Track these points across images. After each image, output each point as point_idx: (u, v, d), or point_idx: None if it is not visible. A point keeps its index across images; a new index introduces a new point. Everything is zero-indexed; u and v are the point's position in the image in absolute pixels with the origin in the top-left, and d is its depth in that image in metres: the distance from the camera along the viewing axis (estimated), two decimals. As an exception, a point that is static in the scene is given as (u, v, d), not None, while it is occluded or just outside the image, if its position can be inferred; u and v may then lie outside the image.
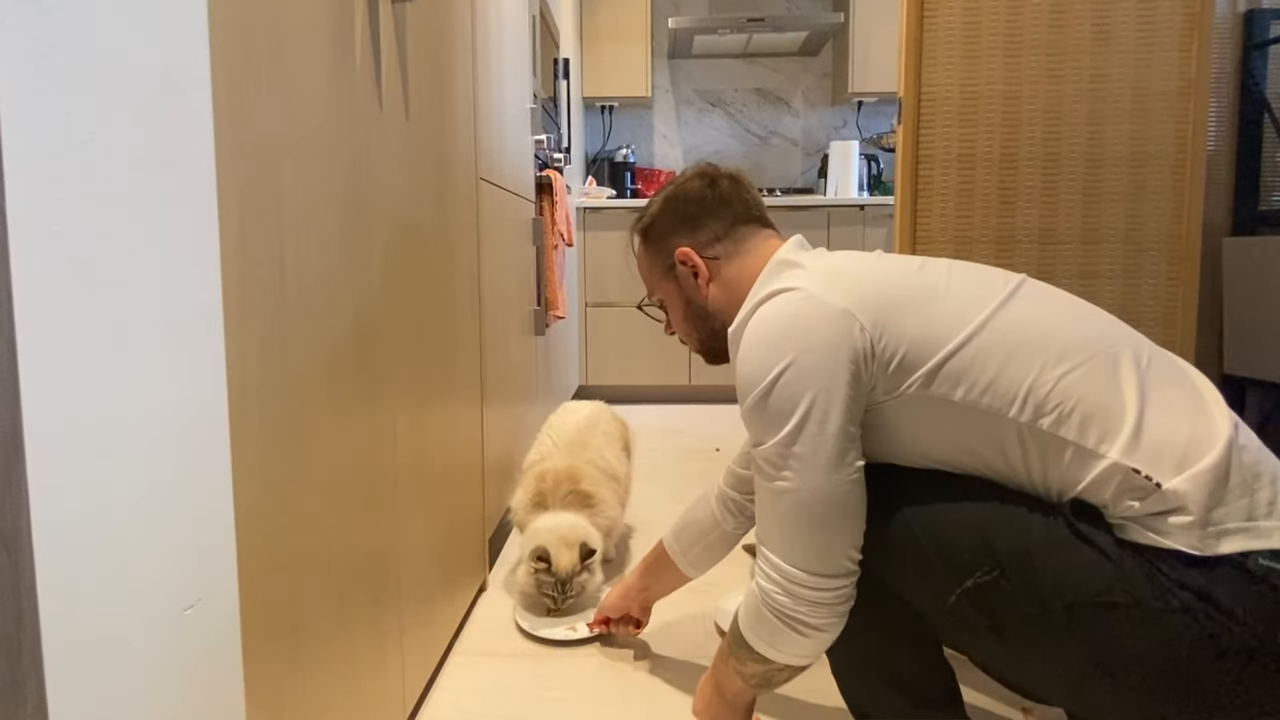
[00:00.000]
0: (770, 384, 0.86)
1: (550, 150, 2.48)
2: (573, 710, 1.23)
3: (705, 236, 1.05)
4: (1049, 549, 0.78)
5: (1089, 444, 0.78)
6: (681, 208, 1.08)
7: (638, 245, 1.14)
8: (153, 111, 0.55)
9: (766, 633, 0.91)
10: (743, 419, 0.91)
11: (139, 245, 0.54)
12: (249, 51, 0.67)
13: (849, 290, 0.87)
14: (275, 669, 0.72)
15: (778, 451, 0.86)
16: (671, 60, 4.02)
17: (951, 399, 0.83)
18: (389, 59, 1.04)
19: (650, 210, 1.11)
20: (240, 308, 0.66)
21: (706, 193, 1.06)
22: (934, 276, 0.90)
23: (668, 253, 1.08)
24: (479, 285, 1.58)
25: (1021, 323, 0.84)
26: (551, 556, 1.46)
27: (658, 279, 1.11)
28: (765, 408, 0.86)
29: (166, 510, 0.58)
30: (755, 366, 0.88)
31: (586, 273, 3.49)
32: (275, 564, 0.72)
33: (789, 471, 0.85)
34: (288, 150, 0.75)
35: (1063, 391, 0.79)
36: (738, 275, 1.04)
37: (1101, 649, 0.76)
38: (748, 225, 1.05)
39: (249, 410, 0.67)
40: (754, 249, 1.04)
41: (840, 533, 0.86)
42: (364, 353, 0.95)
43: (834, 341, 0.84)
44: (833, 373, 0.84)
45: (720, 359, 1.09)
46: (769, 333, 0.88)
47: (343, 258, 0.88)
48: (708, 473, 2.49)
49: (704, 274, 1.05)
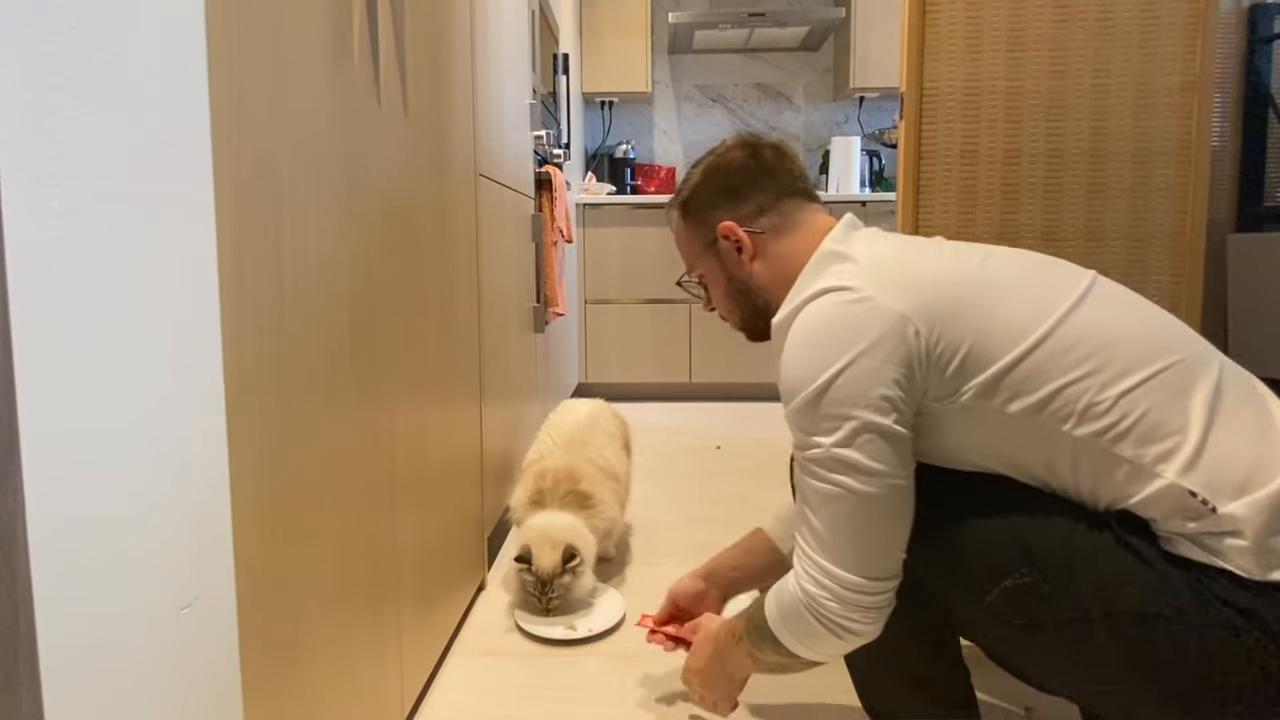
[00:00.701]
0: (822, 388, 0.83)
1: (549, 146, 2.47)
2: (572, 710, 1.22)
3: (749, 209, 1.00)
4: (1092, 556, 0.77)
5: (1146, 462, 0.76)
6: (723, 179, 1.02)
7: (676, 219, 1.09)
8: (149, 110, 0.55)
9: (801, 633, 0.89)
10: (787, 418, 0.88)
11: (135, 245, 0.54)
12: (246, 48, 0.67)
13: (905, 290, 0.84)
14: (273, 668, 0.72)
15: (831, 455, 0.83)
16: (672, 55, 4.01)
17: (1006, 411, 0.81)
18: (387, 55, 1.03)
19: (689, 182, 1.06)
20: (237, 306, 0.65)
21: (749, 163, 1.01)
22: (998, 273, 0.86)
23: (709, 227, 1.03)
24: (478, 282, 1.57)
25: (1088, 333, 0.80)
26: (533, 556, 1.46)
27: (698, 254, 1.06)
28: (816, 411, 0.84)
29: (163, 509, 0.57)
30: (804, 369, 0.85)
31: (586, 269, 3.48)
32: (272, 563, 0.72)
33: (842, 476, 0.83)
34: (285, 147, 0.74)
35: (1125, 407, 0.77)
36: (784, 251, 0.99)
37: (1137, 658, 0.75)
38: (793, 198, 1.01)
39: (246, 408, 0.67)
40: (802, 224, 1.00)
41: (893, 536, 0.85)
42: (362, 350, 0.94)
43: (888, 347, 0.82)
44: (886, 378, 0.82)
45: (762, 337, 1.06)
46: (819, 334, 0.85)
47: (341, 255, 0.88)
48: (708, 471, 2.49)
49: (748, 249, 1.00)
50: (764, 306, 1.02)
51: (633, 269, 3.47)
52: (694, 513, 2.10)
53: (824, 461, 0.84)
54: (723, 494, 2.25)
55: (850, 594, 0.84)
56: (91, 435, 0.50)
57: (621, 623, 1.49)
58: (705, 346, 3.49)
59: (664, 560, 1.79)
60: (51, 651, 0.47)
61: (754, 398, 3.58)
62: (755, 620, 0.95)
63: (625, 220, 3.45)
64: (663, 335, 3.49)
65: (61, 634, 0.48)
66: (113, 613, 0.53)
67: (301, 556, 0.78)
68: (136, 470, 0.55)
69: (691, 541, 1.90)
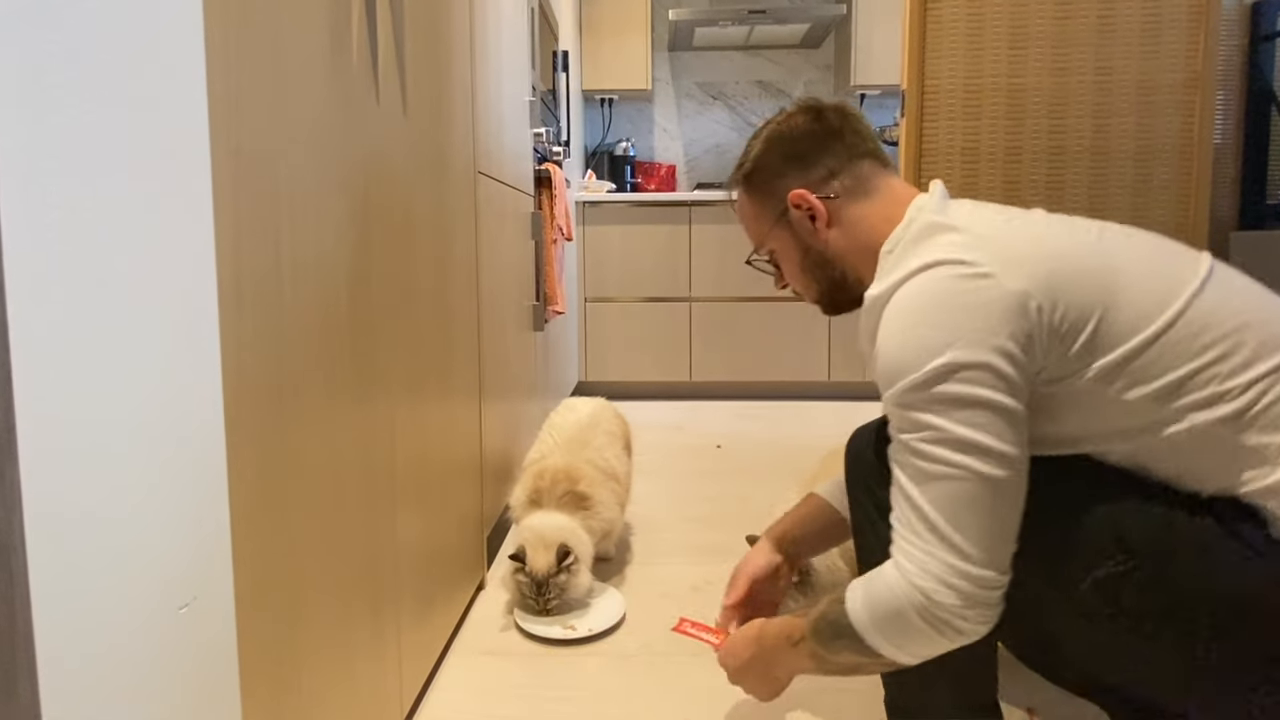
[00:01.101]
0: (940, 368, 0.77)
1: (549, 143, 2.46)
2: (572, 710, 1.22)
3: (819, 175, 0.95)
4: (1193, 543, 0.75)
5: (1271, 450, 0.74)
6: (788, 146, 0.97)
7: (740, 194, 1.03)
8: (147, 106, 0.55)
9: (897, 632, 0.81)
10: (891, 399, 0.82)
11: (133, 243, 0.54)
12: (244, 45, 0.67)
13: (1023, 263, 0.79)
14: (271, 668, 0.72)
15: (952, 437, 0.77)
16: (672, 53, 4.00)
17: (1124, 398, 0.78)
18: (386, 52, 1.03)
19: (751, 154, 1.00)
20: (235, 304, 0.65)
21: (814, 127, 0.96)
22: (1116, 249, 0.82)
23: (778, 197, 0.97)
24: (477, 280, 1.56)
25: (1213, 318, 0.77)
26: (528, 557, 1.45)
27: (767, 228, 1.00)
28: (931, 391, 0.78)
29: (160, 508, 0.57)
30: (915, 347, 0.79)
31: (586, 267, 3.47)
32: (271, 562, 0.72)
33: (965, 457, 0.77)
34: (283, 145, 0.74)
35: (1254, 394, 0.75)
36: (862, 217, 0.93)
37: (1234, 648, 0.73)
38: (865, 160, 0.95)
39: (244, 407, 0.67)
40: (878, 189, 0.94)
41: (1014, 525, 0.79)
42: (361, 349, 0.94)
43: (1009, 323, 0.77)
44: (1007, 355, 0.77)
45: (841, 310, 1.01)
46: (932, 310, 0.79)
47: (339, 253, 0.87)
48: (709, 470, 2.48)
49: (822, 216, 0.94)
50: (842, 278, 0.97)
51: (633, 267, 3.46)
52: (694, 512, 2.10)
53: (943, 443, 0.78)
54: (723, 493, 2.24)
55: (974, 589, 0.78)
56: (89, 434, 0.50)
57: (621, 622, 1.48)
58: (706, 345, 3.48)
59: (664, 560, 1.79)
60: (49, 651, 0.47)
61: (755, 396, 3.58)
62: (829, 619, 0.87)
63: (625, 218, 3.44)
64: (663, 333, 3.48)
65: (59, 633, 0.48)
66: (110, 612, 0.53)
67: (300, 556, 0.78)
68: (134, 469, 0.55)
69: (692, 541, 1.89)
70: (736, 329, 3.46)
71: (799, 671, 0.96)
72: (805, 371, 3.45)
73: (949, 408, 0.78)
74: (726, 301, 3.45)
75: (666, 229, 3.43)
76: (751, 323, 3.45)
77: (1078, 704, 1.21)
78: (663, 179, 3.98)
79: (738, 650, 1.03)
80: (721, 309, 3.46)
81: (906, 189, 0.95)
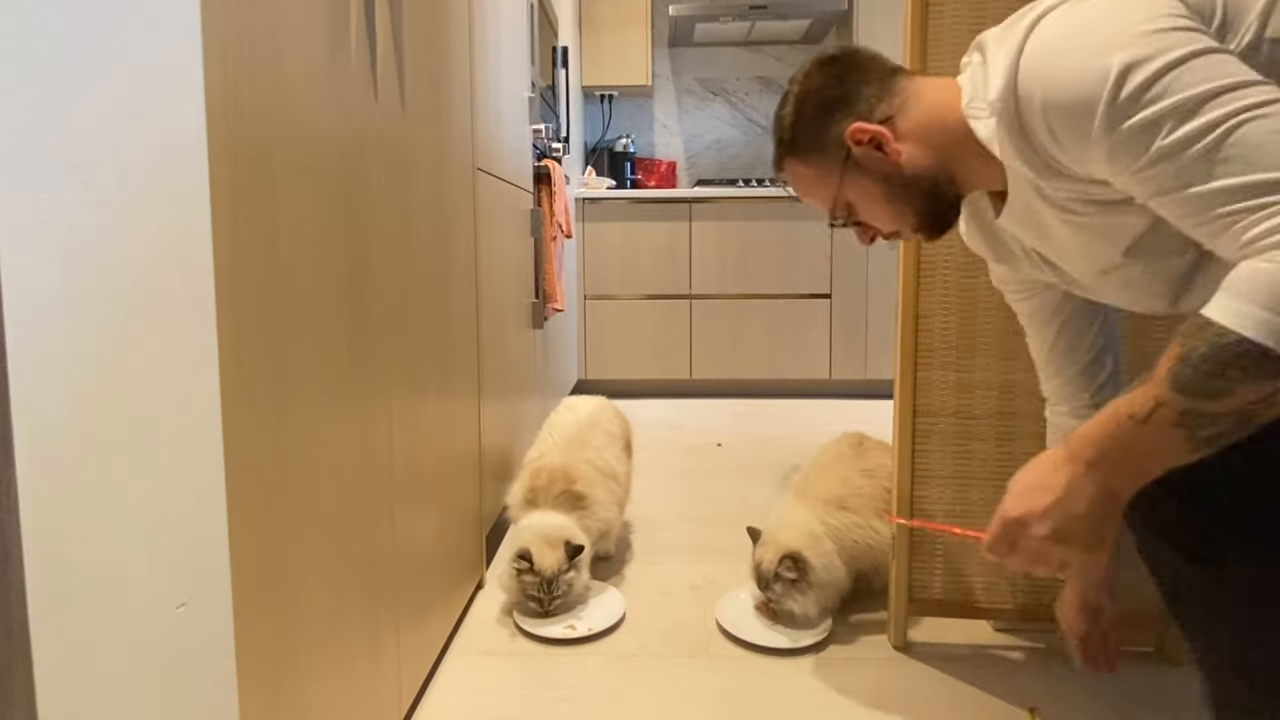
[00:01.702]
0: (1121, 70, 0.67)
1: (548, 140, 2.45)
2: (571, 710, 1.21)
3: (864, 107, 0.90)
4: None
5: None
6: (820, 97, 0.93)
7: (792, 166, 0.97)
8: (144, 102, 0.55)
9: None
10: (1112, 140, 0.69)
11: (130, 239, 0.53)
12: (242, 41, 0.66)
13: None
14: (269, 667, 0.72)
15: (1199, 98, 0.65)
16: (672, 48, 3.99)
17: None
18: (385, 49, 1.02)
19: (785, 124, 0.95)
20: (233, 302, 0.65)
21: (834, 70, 0.93)
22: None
23: (836, 143, 0.91)
24: (476, 277, 1.56)
25: None
26: (534, 557, 1.44)
27: (837, 182, 0.93)
28: (1135, 91, 0.67)
29: (157, 507, 0.58)
30: (1094, 56, 0.68)
31: (585, 265, 3.46)
32: (268, 561, 0.72)
33: (1232, 96, 0.65)
34: (281, 142, 0.74)
35: None
36: (926, 117, 0.88)
37: None
38: (896, 76, 0.91)
39: (241, 405, 0.67)
40: (922, 88, 0.90)
41: None
42: (359, 347, 0.93)
43: (1161, 6, 0.69)
44: (1182, 23, 0.68)
45: (949, 223, 0.93)
46: (1085, 24, 0.71)
47: (337, 250, 0.87)
48: (709, 468, 2.48)
49: (888, 138, 0.88)
50: (934, 184, 0.90)
51: (633, 264, 3.45)
52: (694, 510, 2.09)
53: (1200, 107, 0.65)
54: (724, 491, 2.24)
55: None
56: (85, 433, 0.50)
57: (621, 622, 1.48)
58: (706, 342, 3.47)
59: (664, 558, 1.78)
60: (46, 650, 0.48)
61: (755, 394, 3.57)
62: (1199, 355, 0.65)
63: (625, 215, 3.43)
64: (663, 331, 3.47)
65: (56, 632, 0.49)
66: (107, 611, 0.53)
67: (298, 555, 0.77)
68: (131, 468, 0.55)
69: (692, 539, 1.89)
70: (737, 327, 3.45)
71: (1161, 464, 0.71)
72: (806, 369, 3.45)
73: (1168, 85, 0.66)
74: (727, 299, 3.44)
75: (667, 226, 3.42)
76: (752, 320, 3.44)
77: (1078, 704, 1.21)
78: (663, 176, 3.96)
79: (1041, 484, 0.75)
80: (722, 306, 3.45)
81: (949, 80, 0.90)
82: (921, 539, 1.36)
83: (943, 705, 1.22)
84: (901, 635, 1.38)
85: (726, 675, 1.30)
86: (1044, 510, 0.74)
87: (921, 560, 1.37)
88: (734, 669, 1.32)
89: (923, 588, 1.38)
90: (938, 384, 1.34)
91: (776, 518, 1.48)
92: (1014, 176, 0.84)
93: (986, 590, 1.36)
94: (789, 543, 1.40)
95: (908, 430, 1.34)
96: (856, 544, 1.44)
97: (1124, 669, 1.11)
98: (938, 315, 1.33)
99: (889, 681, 1.28)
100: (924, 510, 1.36)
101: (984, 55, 0.83)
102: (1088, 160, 0.73)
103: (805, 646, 1.37)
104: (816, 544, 1.41)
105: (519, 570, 1.45)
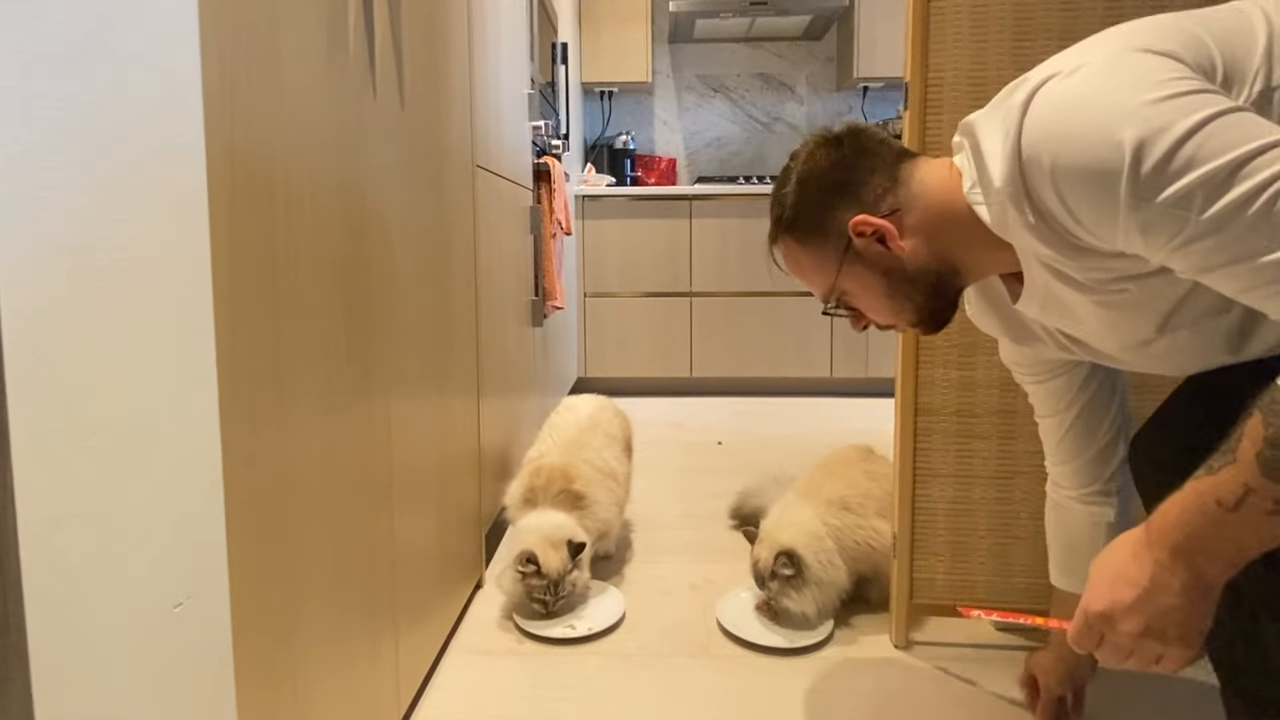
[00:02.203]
0: (1135, 146, 0.63)
1: (548, 137, 2.44)
2: (571, 710, 1.21)
3: (871, 196, 0.86)
4: None
5: None
6: (824, 179, 0.89)
7: (788, 247, 0.93)
8: (142, 100, 0.55)
9: None
10: (1141, 217, 0.65)
11: (128, 237, 0.54)
12: (240, 38, 0.66)
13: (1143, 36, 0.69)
14: (267, 667, 0.72)
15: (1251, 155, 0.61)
16: (672, 45, 3.98)
17: None
18: (383, 45, 1.02)
19: (785, 203, 0.91)
20: (231, 300, 0.65)
21: (840, 154, 0.89)
22: None
23: (836, 234, 0.88)
24: (475, 275, 1.55)
25: None
26: (540, 559, 1.43)
27: (834, 271, 0.90)
28: (1156, 167, 0.63)
29: (155, 505, 0.58)
30: (1101, 147, 0.65)
31: (585, 262, 3.45)
32: (267, 560, 0.71)
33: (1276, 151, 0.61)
34: (279, 140, 0.73)
35: None
36: (932, 209, 0.85)
37: None
38: (902, 163, 0.87)
39: (240, 403, 0.66)
40: (925, 177, 0.86)
41: None
42: (357, 345, 0.93)
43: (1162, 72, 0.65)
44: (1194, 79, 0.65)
45: (947, 316, 0.90)
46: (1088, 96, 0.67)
47: (336, 248, 0.87)
48: (709, 467, 2.47)
49: (892, 234, 0.85)
50: (938, 279, 0.87)
51: (632, 262, 3.44)
52: (695, 509, 2.08)
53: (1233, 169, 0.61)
54: (724, 490, 2.23)
55: None
56: (83, 431, 0.51)
57: (621, 621, 1.47)
58: (706, 341, 3.47)
59: (664, 558, 1.78)
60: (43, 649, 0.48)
61: (756, 393, 3.57)
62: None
63: (625, 212, 3.42)
64: (663, 329, 3.47)
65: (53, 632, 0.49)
66: (104, 611, 0.54)
67: (296, 554, 0.77)
68: (128, 467, 0.55)
69: (692, 538, 1.88)
70: (737, 324, 3.44)
71: (1258, 549, 0.65)
72: (807, 368, 3.44)
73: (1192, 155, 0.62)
74: (727, 296, 3.44)
75: (667, 223, 3.42)
76: (753, 318, 3.43)
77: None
78: (663, 173, 3.96)
79: (1125, 575, 0.69)
80: (722, 304, 3.44)
81: (945, 159, 0.88)
82: (923, 539, 1.36)
83: (944, 705, 1.21)
84: (903, 635, 1.38)
85: (727, 675, 1.30)
86: (1130, 605, 0.69)
87: (923, 560, 1.37)
88: (734, 669, 1.32)
89: (924, 587, 1.37)
90: (939, 382, 1.33)
91: (776, 516, 1.48)
92: (1028, 259, 0.81)
93: (988, 590, 1.36)
94: (786, 540, 1.40)
95: (909, 428, 1.34)
96: (858, 545, 1.44)
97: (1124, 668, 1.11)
98: (939, 313, 1.32)
99: (890, 681, 1.28)
100: (925, 509, 1.35)
101: (976, 139, 0.80)
102: (1116, 237, 0.69)
103: (806, 646, 1.37)
104: (816, 543, 1.40)
105: (524, 574, 1.44)
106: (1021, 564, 1.35)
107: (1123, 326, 0.81)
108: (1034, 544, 1.33)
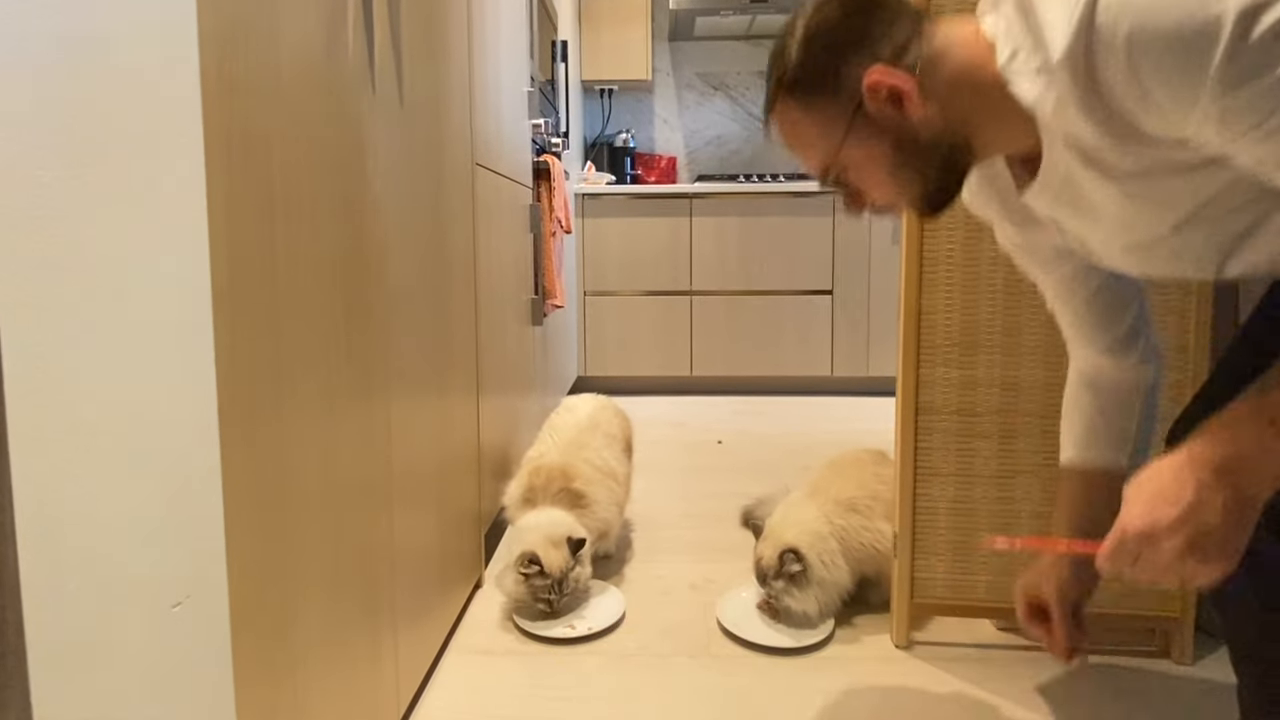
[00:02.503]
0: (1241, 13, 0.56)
1: (548, 135, 2.44)
2: (571, 709, 1.20)
3: (889, 48, 0.75)
4: None
5: None
6: (835, 34, 0.77)
7: (788, 110, 0.82)
8: (140, 98, 0.55)
9: None
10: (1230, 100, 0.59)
11: (126, 236, 0.54)
12: (238, 34, 0.65)
13: None
14: (266, 666, 0.71)
15: None
16: (672, 43, 3.97)
17: None
18: (382, 42, 1.01)
19: (787, 59, 0.79)
20: (230, 299, 0.65)
21: (855, 3, 0.78)
22: None
23: (847, 92, 0.77)
24: (475, 274, 1.55)
25: None
26: (543, 559, 1.42)
27: (840, 137, 0.79)
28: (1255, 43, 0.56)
29: (154, 505, 0.58)
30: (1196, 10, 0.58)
31: (585, 261, 3.45)
32: (266, 560, 0.71)
33: None
34: (278, 137, 0.73)
35: None
36: (959, 72, 0.75)
37: None
38: (924, 20, 0.77)
39: (238, 403, 0.66)
40: (954, 34, 0.76)
41: None
42: (357, 344, 0.93)
43: None
44: None
45: (953, 196, 0.81)
46: None
47: (335, 246, 0.86)
48: (709, 466, 2.47)
49: (911, 91, 0.74)
50: (950, 152, 0.78)
51: (632, 260, 3.44)
52: (695, 508, 2.08)
53: None
54: (724, 489, 2.23)
55: None
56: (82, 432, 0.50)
57: (621, 621, 1.47)
58: (707, 339, 3.47)
59: (664, 557, 1.77)
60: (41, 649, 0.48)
61: (756, 392, 3.57)
62: None
63: (625, 210, 3.42)
64: (663, 328, 3.46)
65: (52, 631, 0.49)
66: (104, 610, 0.54)
67: (295, 553, 0.77)
68: (128, 467, 0.56)
69: (692, 538, 1.88)
70: (738, 323, 3.44)
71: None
72: (807, 366, 3.44)
73: None
74: (728, 295, 3.43)
75: (667, 221, 3.41)
76: (753, 317, 3.43)
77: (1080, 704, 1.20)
78: (663, 171, 3.95)
79: (1165, 494, 0.68)
80: (723, 303, 3.44)
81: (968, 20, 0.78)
82: (924, 538, 1.36)
83: (945, 705, 1.21)
84: (904, 635, 1.37)
85: (727, 675, 1.30)
86: (1173, 522, 0.67)
87: (924, 559, 1.36)
88: (735, 668, 1.32)
89: (925, 587, 1.37)
90: (940, 381, 1.33)
91: (781, 515, 1.48)
92: (1053, 142, 0.74)
93: (989, 589, 1.36)
94: (790, 539, 1.39)
95: (910, 427, 1.33)
96: (862, 546, 1.43)
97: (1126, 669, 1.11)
98: (940, 312, 1.32)
99: (891, 681, 1.28)
100: (926, 508, 1.35)
101: (1028, 5, 0.70)
102: (1188, 122, 0.62)
103: (807, 646, 1.36)
104: (819, 542, 1.40)
105: (527, 575, 1.43)
106: (1023, 563, 1.35)
107: (1140, 222, 0.75)
108: (1035, 543, 1.32)
